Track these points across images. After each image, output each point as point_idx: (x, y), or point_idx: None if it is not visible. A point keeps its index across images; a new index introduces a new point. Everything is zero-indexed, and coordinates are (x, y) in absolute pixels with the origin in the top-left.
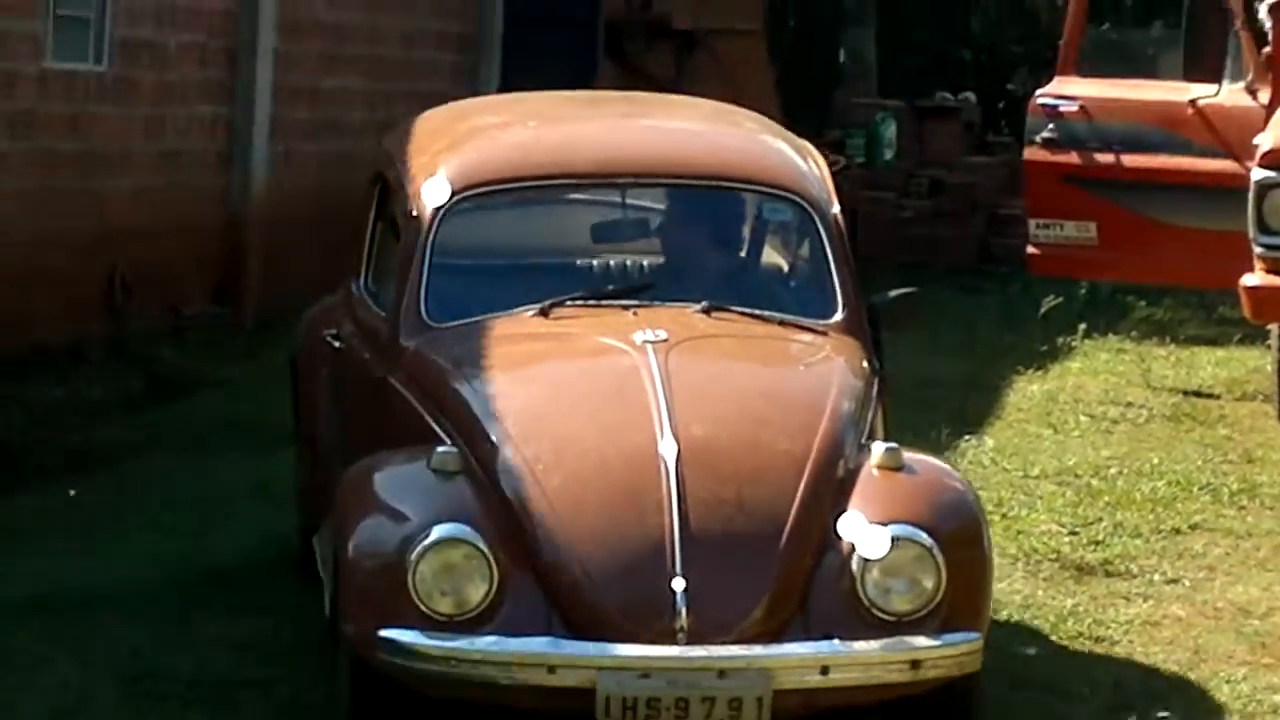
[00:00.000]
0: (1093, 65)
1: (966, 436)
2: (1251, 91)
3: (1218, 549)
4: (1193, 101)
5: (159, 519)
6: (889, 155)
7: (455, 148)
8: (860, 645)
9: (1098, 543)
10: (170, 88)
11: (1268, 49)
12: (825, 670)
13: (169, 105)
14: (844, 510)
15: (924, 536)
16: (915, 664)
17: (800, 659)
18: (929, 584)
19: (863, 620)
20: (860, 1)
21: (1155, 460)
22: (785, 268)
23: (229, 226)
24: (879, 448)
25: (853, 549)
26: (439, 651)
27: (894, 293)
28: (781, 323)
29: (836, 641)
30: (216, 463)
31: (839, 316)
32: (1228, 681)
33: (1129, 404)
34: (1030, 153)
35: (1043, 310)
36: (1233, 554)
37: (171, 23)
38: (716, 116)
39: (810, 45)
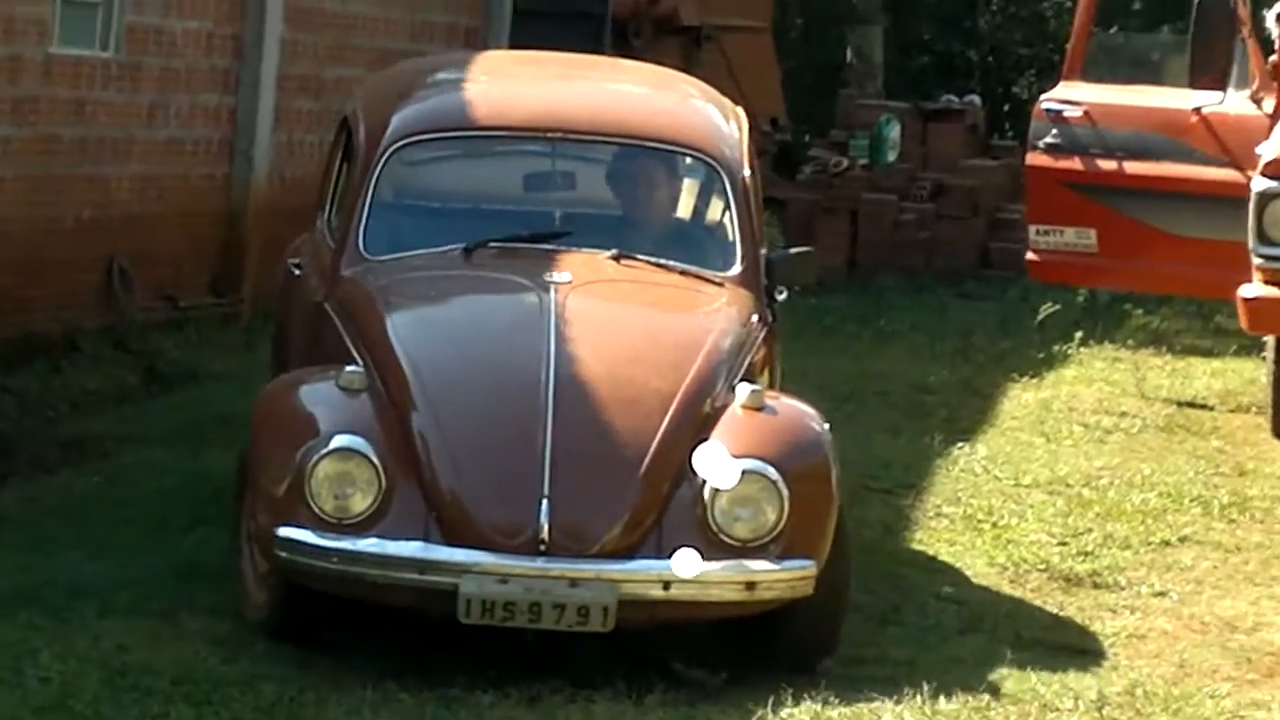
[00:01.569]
0: (1098, 70)
1: (959, 443)
2: (1256, 100)
3: (1206, 562)
4: (1197, 109)
5: (150, 512)
6: (892, 157)
7: (406, 99)
8: (701, 565)
9: (1087, 554)
10: (175, 75)
11: (1274, 58)
12: (667, 586)
13: (174, 93)
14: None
15: (771, 470)
16: (750, 585)
17: (644, 574)
18: (771, 514)
19: (710, 543)
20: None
21: (1147, 471)
22: (693, 222)
23: (230, 216)
24: (744, 389)
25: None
26: (326, 550)
27: (792, 250)
28: (683, 272)
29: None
30: (210, 456)
31: (736, 270)
32: (1212, 696)
33: (1123, 414)
34: (1033, 158)
35: (1040, 317)
36: (1221, 568)
37: (179, 10)
38: (653, 81)
39: (817, 44)
